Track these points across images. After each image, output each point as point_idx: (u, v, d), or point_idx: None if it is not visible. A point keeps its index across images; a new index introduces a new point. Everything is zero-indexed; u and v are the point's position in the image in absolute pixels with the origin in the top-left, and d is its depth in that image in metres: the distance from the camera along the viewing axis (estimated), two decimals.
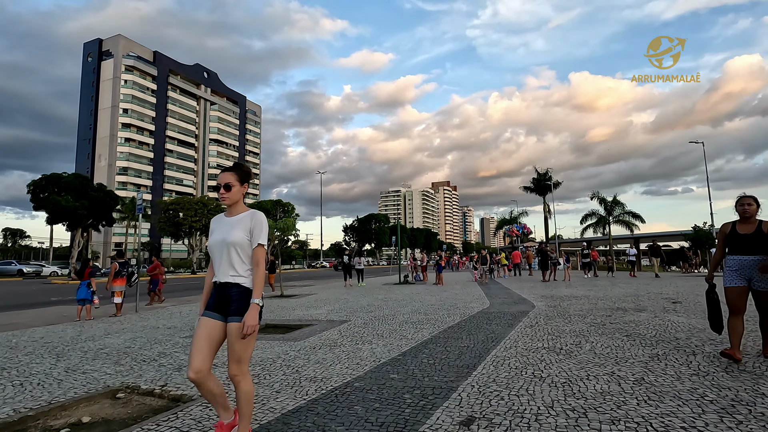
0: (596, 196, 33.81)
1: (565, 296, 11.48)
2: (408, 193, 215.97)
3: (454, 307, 9.65)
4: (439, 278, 18.31)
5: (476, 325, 6.99)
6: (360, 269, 20.36)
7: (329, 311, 9.67)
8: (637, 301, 9.77)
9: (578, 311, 8.26)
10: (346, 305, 10.85)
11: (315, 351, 5.34)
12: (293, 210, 52.91)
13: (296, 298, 13.52)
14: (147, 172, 79.16)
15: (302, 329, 7.25)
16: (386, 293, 14.38)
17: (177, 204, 40.24)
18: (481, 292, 13.76)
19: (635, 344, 4.99)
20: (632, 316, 7.23)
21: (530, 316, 7.74)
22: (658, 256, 19.00)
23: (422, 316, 8.39)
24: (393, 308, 9.87)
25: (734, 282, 4.10)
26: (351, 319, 8.30)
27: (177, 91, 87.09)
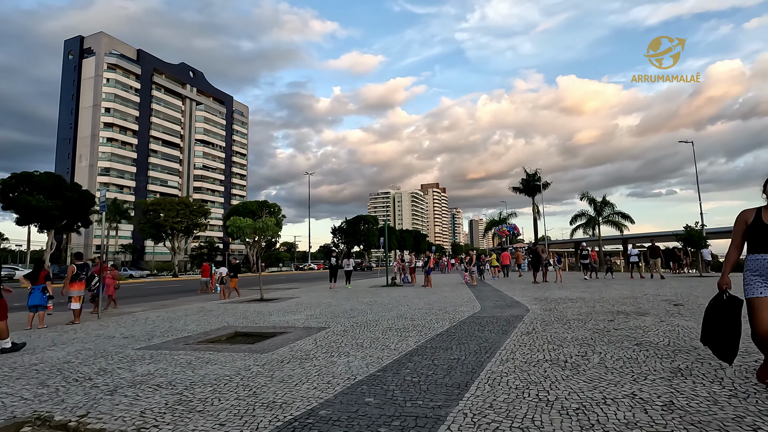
0: (586, 197, 33.55)
1: (560, 299, 10.89)
2: (397, 195, 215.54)
3: (443, 312, 8.98)
4: (427, 280, 17.65)
5: (467, 332, 6.31)
6: (348, 271, 19.83)
7: (308, 317, 8.92)
8: (637, 303, 9.21)
9: (576, 315, 7.64)
10: (328, 310, 10.11)
11: (282, 366, 4.60)
12: (279, 211, 51.85)
13: (276, 302, 12.73)
14: (130, 172, 77.27)
15: (274, 338, 6.50)
16: (372, 296, 13.66)
17: (158, 205, 38.90)
18: (471, 294, 13.12)
19: (650, 355, 4.36)
20: (636, 321, 6.63)
21: (525, 322, 7.10)
22: (658, 257, 18.18)
23: (408, 321, 7.70)
24: (377, 313, 9.16)
25: (760, 290, 3.09)
26: (330, 325, 7.57)
27: (162, 91, 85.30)
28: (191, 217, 38.63)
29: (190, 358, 5.14)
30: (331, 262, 20.17)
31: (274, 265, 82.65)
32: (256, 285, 25.05)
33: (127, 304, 14.50)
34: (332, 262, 20.08)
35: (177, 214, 37.71)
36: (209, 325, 8.19)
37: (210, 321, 8.74)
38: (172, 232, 38.60)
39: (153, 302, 14.95)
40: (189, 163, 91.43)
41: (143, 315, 10.26)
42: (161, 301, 15.57)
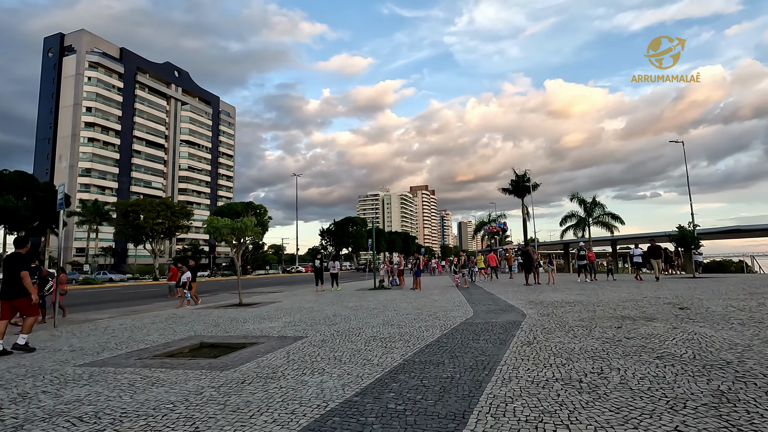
0: (576, 197, 33.23)
1: (556, 302, 10.27)
2: (386, 197, 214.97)
3: (433, 317, 8.27)
4: (417, 282, 16.96)
5: (461, 342, 5.61)
6: (335, 273, 19.33)
7: (286, 324, 8.14)
8: (639, 307, 8.62)
9: (578, 321, 7.00)
10: (309, 316, 9.34)
11: (242, 388, 3.84)
12: (265, 213, 50.78)
13: (255, 307, 11.91)
14: (112, 173, 75.32)
15: (242, 350, 5.72)
16: (358, 300, 12.91)
17: (137, 205, 37.47)
18: (462, 298, 12.45)
19: (678, 372, 3.70)
20: (647, 328, 5.99)
21: (524, 329, 6.42)
22: (659, 257, 17.36)
23: (395, 329, 6.98)
24: (362, 319, 8.42)
25: None
26: (308, 334, 6.81)
27: (145, 90, 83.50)
28: (173, 218, 37.27)
29: (135, 378, 4.34)
30: (316, 265, 19.60)
31: (262, 267, 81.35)
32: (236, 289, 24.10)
33: (95, 311, 13.55)
34: (317, 265, 19.54)
35: (158, 215, 36.32)
36: (174, 334, 7.36)
37: (177, 330, 7.90)
38: (153, 234, 37.23)
39: (124, 308, 14.00)
40: (174, 164, 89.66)
41: (105, 323, 9.36)
42: (134, 306, 14.61)
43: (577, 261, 18.23)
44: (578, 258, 18.29)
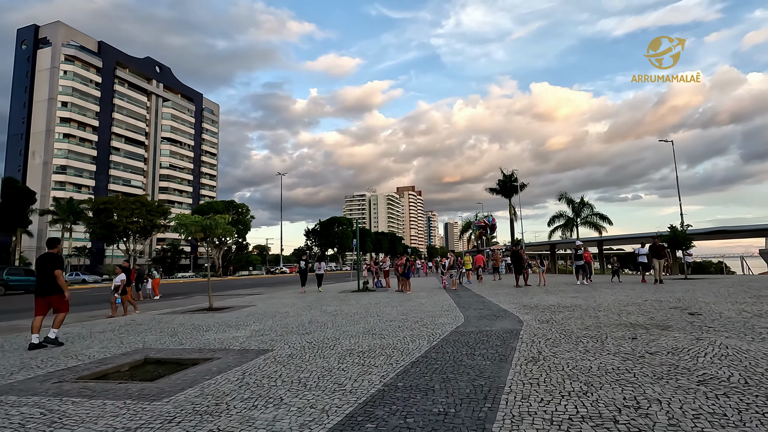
0: (564, 197, 32.80)
1: (552, 306, 9.48)
2: (373, 198, 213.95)
3: (419, 324, 7.38)
4: (404, 284, 16.05)
5: (452, 358, 4.72)
6: (320, 274, 18.81)
7: (253, 333, 7.16)
8: (644, 312, 7.87)
9: (584, 329, 6.18)
10: (282, 322, 8.36)
11: (167, 430, 2.88)
12: (248, 212, 49.29)
13: (225, 312, 10.87)
14: (89, 171, 72.71)
15: (191, 369, 4.74)
16: (339, 304, 11.96)
17: (110, 203, 35.65)
18: (451, 301, 11.60)
19: (740, 406, 2.86)
20: (666, 339, 5.20)
21: (524, 340, 5.58)
22: (663, 257, 15.52)
23: (376, 339, 6.07)
24: (340, 327, 7.48)
25: None
26: (276, 346, 5.85)
27: (125, 85, 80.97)
28: (149, 217, 35.53)
29: (33, 414, 3.34)
30: (301, 266, 18.90)
31: (245, 268, 79.59)
32: (216, 290, 22.89)
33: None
34: (302, 266, 18.83)
35: (132, 213, 34.55)
36: (119, 347, 6.32)
37: (125, 341, 6.85)
38: (127, 234, 35.45)
39: (82, 313, 12.78)
40: (155, 162, 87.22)
41: (45, 332, 8.23)
42: (94, 311, 13.40)
43: (574, 261, 17.00)
44: (575, 258, 17.10)
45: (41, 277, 6.64)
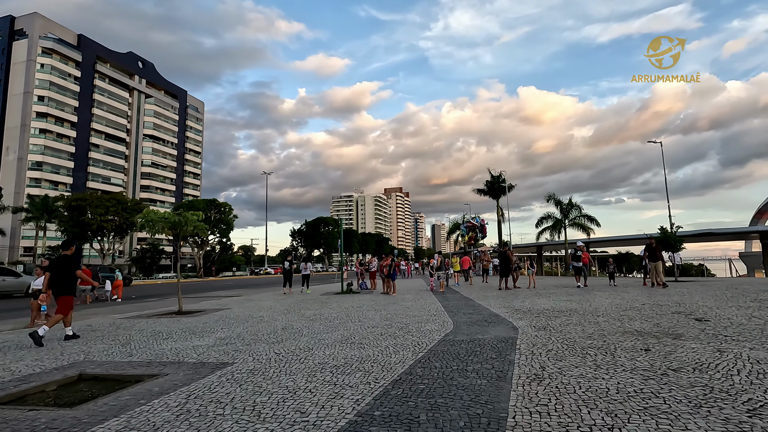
0: (552, 198, 32.49)
1: (546, 310, 8.87)
2: (360, 199, 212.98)
3: (404, 332, 6.67)
4: (389, 286, 15.33)
5: (442, 374, 4.01)
6: (306, 275, 18.60)
7: (217, 341, 6.36)
8: (646, 317, 7.29)
9: (586, 338, 5.54)
10: (253, 329, 7.56)
11: None
12: (231, 211, 47.95)
13: (195, 316, 10.01)
14: (66, 168, 70.34)
15: (128, 389, 3.94)
16: (319, 307, 11.19)
17: (83, 200, 34.00)
18: (438, 304, 10.93)
19: None
20: (684, 351, 4.57)
21: (522, 351, 4.90)
22: (659, 260, 14.22)
23: (355, 350, 5.33)
24: (316, 334, 6.73)
25: None
26: (237, 359, 5.08)
27: (106, 80, 78.61)
28: (125, 215, 34.02)
29: None
30: (285, 266, 18.43)
31: (229, 269, 77.92)
32: (193, 292, 21.84)
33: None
34: (286, 266, 18.35)
35: (107, 211, 33.02)
36: (57, 359, 5.46)
37: (67, 351, 5.99)
38: (102, 232, 33.89)
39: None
40: (136, 159, 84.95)
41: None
42: None
43: (572, 263, 15.80)
44: (573, 259, 15.82)
45: (55, 278, 6.93)
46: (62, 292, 6.87)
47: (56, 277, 6.91)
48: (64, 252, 7.12)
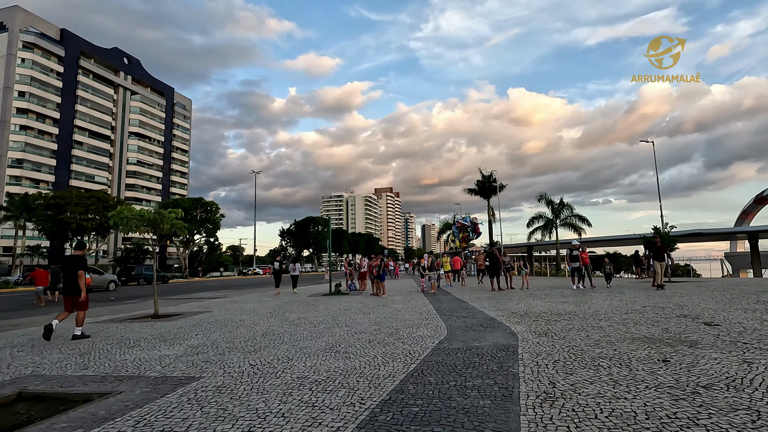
0: (544, 198, 32.23)
1: (544, 314, 8.41)
2: (351, 198, 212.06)
3: (395, 338, 6.13)
4: (379, 287, 14.79)
5: (438, 392, 3.49)
6: (295, 275, 18.19)
7: (188, 350, 5.76)
8: (651, 321, 6.85)
9: (593, 346, 5.06)
10: (230, 335, 6.96)
11: None
12: (217, 210, 46.92)
13: (170, 320, 9.36)
14: (48, 165, 68.47)
15: (69, 413, 3.35)
16: (305, 310, 10.61)
17: (62, 198, 32.72)
18: (430, 307, 10.41)
19: None
20: (706, 362, 4.10)
21: (526, 362, 4.40)
22: (663, 260, 13.26)
23: (339, 361, 4.78)
24: (299, 341, 6.16)
25: None
26: (207, 372, 4.49)
27: (90, 77, 76.78)
28: (106, 213, 32.90)
29: None
30: (275, 267, 18.08)
31: (216, 269, 76.65)
32: (176, 293, 21.03)
33: None
34: (276, 267, 17.99)
35: (87, 209, 31.82)
36: (2, 372, 4.82)
37: (15, 362, 5.33)
38: (82, 232, 32.66)
39: (7, 321, 10.98)
40: (121, 157, 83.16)
41: None
42: (18, 318, 11.59)
43: (569, 263, 14.82)
44: (570, 259, 14.83)
45: (66, 277, 7.11)
46: (75, 291, 7.06)
47: (68, 276, 7.09)
48: (77, 252, 7.40)
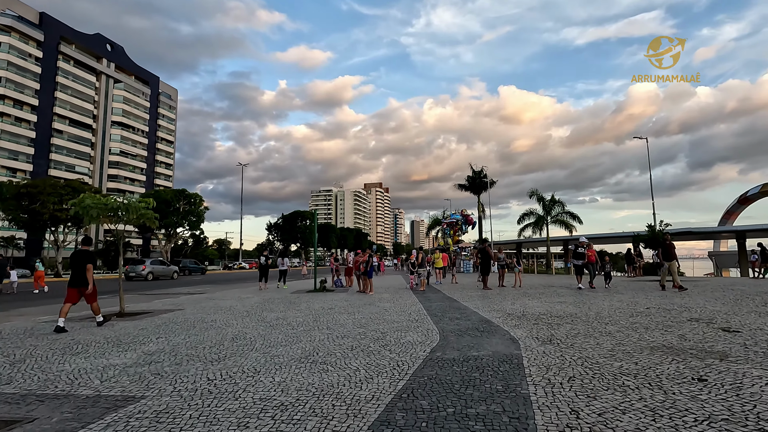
0: (535, 194, 31.79)
1: (542, 315, 7.77)
2: (340, 193, 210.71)
3: (380, 344, 5.41)
4: (366, 284, 14.06)
5: (433, 424, 2.76)
6: (283, 270, 18.08)
7: (141, 358, 4.96)
8: (663, 326, 6.24)
9: (608, 357, 4.40)
10: (196, 338, 6.17)
11: None
12: (201, 202, 45.59)
13: (135, 319, 8.52)
14: (26, 154, 66.09)
15: None
16: (286, 309, 9.83)
17: (34, 187, 31.11)
18: (420, 306, 9.72)
19: None
20: (753, 383, 3.45)
21: (536, 380, 3.71)
22: (674, 259, 12.24)
23: (314, 375, 4.03)
24: (271, 347, 5.40)
25: None
26: (154, 388, 3.71)
27: (70, 63, 74.24)
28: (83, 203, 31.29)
29: None
30: (260, 261, 17.94)
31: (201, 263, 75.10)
32: (153, 288, 19.98)
33: None
34: (261, 261, 17.83)
35: (61, 199, 30.33)
36: None
37: None
38: (55, 222, 31.21)
39: None
40: (103, 147, 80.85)
41: None
42: None
43: (573, 260, 13.77)
44: (574, 256, 13.68)
45: (74, 271, 7.50)
46: (83, 284, 7.38)
47: (77, 269, 7.45)
48: (84, 247, 7.76)
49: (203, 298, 13.49)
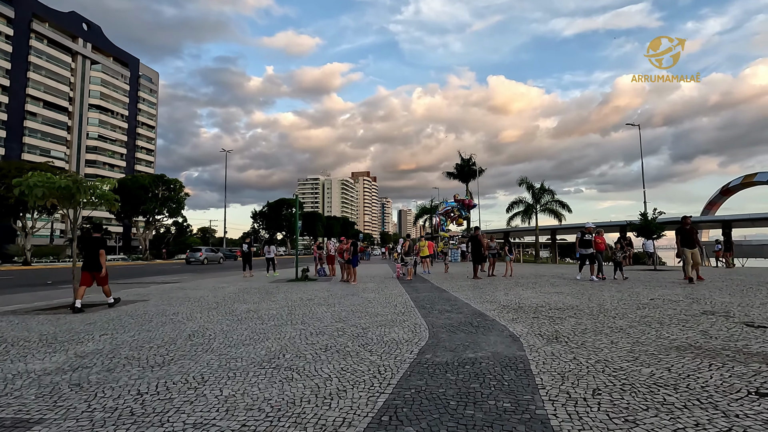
0: (525, 182, 31.25)
1: (541, 308, 7.08)
2: (327, 182, 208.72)
3: (360, 344, 4.61)
4: (350, 273, 13.25)
5: None
6: (270, 258, 18.00)
7: (68, 361, 4.08)
8: (679, 319, 5.58)
9: (629, 359, 3.68)
10: (144, 337, 5.29)
11: None
12: (181, 188, 44.01)
13: (87, 312, 7.57)
14: None
15: None
16: (260, 300, 8.98)
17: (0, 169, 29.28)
18: (407, 297, 8.96)
19: None
20: None
21: (551, 393, 2.95)
22: (695, 246, 11.07)
23: (274, 386, 3.21)
24: (231, 348, 4.56)
25: None
26: (57, 408, 2.85)
27: (44, 42, 70.95)
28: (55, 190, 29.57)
29: None
30: (244, 249, 17.64)
31: (184, 252, 73.41)
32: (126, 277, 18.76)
33: None
34: (245, 249, 17.53)
35: None
36: None
37: None
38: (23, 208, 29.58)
39: None
40: (80, 131, 77.97)
41: None
42: None
43: (579, 249, 12.58)
44: (581, 244, 12.55)
45: (87, 255, 8.00)
46: (96, 268, 7.96)
47: (89, 254, 7.96)
48: (95, 234, 8.35)
49: (174, 288, 12.54)
